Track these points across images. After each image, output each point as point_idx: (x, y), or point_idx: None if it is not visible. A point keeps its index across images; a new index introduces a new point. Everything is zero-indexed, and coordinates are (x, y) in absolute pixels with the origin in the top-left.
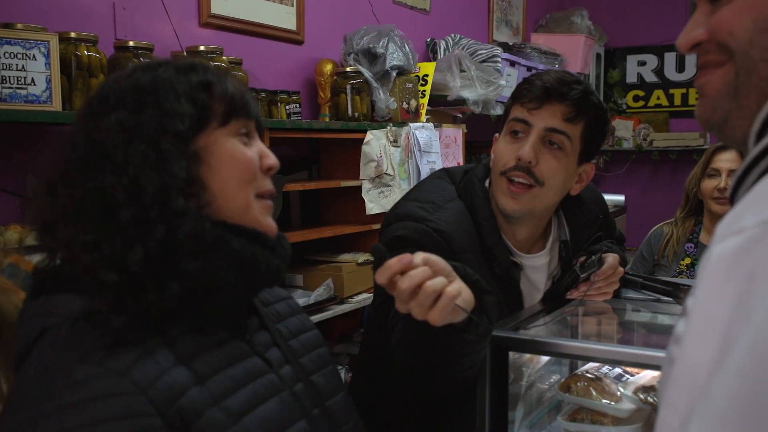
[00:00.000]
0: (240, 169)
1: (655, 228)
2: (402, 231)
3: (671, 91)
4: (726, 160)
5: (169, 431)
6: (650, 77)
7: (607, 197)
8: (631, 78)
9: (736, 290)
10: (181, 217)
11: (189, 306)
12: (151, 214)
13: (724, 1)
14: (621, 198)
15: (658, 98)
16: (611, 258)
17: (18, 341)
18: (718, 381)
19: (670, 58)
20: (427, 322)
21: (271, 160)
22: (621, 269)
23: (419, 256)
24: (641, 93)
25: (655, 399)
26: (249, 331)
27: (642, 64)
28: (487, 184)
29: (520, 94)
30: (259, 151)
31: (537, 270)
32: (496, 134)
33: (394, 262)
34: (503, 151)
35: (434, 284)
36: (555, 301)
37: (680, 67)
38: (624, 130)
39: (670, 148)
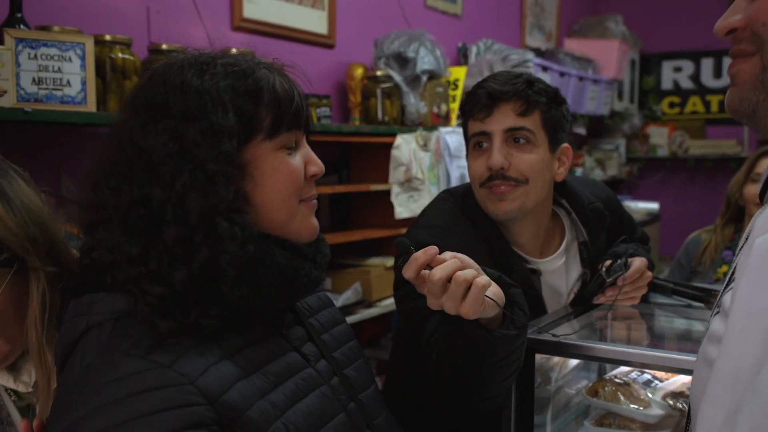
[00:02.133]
0: (284, 182)
1: (692, 235)
2: None
3: (708, 97)
4: None
5: (218, 421)
6: (686, 83)
7: (641, 205)
8: (666, 84)
9: None
10: (225, 242)
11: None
12: (196, 237)
13: None
14: (655, 206)
15: (695, 105)
16: (638, 261)
17: (62, 338)
18: (765, 373)
19: (707, 63)
20: (462, 324)
21: (316, 167)
22: (649, 273)
23: (448, 253)
24: (677, 99)
25: (685, 405)
26: (285, 326)
27: (678, 70)
28: None
29: (468, 109)
30: (304, 158)
31: (554, 274)
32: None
33: (421, 254)
34: (473, 165)
35: (465, 274)
36: (582, 305)
37: (717, 73)
38: (659, 137)
39: (706, 155)
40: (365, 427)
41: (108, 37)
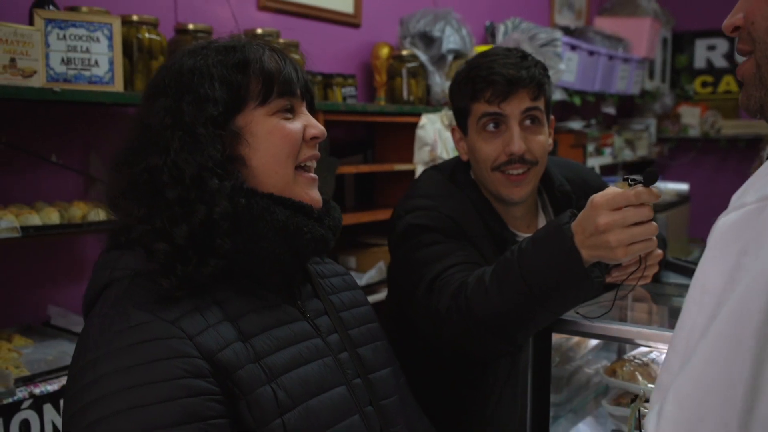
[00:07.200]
0: (279, 144)
1: None
2: (416, 219)
3: None
4: None
5: (214, 375)
6: (720, 62)
7: (671, 186)
8: (699, 63)
9: (730, 263)
10: (215, 196)
11: (240, 270)
12: (191, 195)
13: None
14: (685, 187)
15: (728, 84)
16: None
17: (89, 288)
18: (700, 345)
19: None
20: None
21: (315, 129)
22: (659, 251)
23: None
24: (710, 79)
25: None
26: (301, 298)
27: (711, 48)
28: (472, 176)
29: (481, 93)
30: (304, 123)
31: None
32: (454, 127)
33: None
34: (487, 148)
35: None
36: None
37: None
38: (690, 117)
39: (739, 135)
40: (367, 405)
41: (135, 18)
